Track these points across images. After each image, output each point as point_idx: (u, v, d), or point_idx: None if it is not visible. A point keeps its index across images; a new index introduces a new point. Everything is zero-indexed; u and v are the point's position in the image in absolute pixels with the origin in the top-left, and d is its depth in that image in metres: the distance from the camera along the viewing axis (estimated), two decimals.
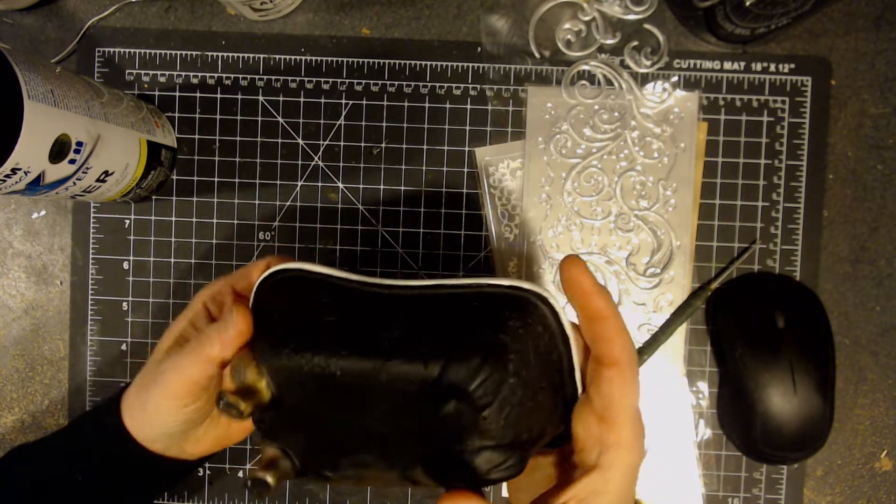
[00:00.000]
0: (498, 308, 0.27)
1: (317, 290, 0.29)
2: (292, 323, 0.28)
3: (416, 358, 0.26)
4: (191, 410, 0.31)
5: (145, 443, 0.33)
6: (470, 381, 0.25)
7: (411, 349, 0.26)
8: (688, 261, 0.43)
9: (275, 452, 0.29)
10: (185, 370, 0.29)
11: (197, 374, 0.29)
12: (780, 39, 0.43)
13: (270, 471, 0.28)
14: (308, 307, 0.28)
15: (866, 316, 0.43)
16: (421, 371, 0.26)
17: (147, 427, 0.32)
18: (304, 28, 0.44)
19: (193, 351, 0.29)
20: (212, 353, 0.29)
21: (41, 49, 0.44)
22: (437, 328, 0.27)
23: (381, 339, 0.27)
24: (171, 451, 0.33)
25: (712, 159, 0.43)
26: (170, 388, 0.30)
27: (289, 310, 0.29)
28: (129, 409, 0.33)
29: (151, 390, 0.31)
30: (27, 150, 0.29)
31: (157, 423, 0.32)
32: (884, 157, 0.43)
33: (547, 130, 0.43)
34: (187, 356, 0.30)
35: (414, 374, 0.26)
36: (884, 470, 0.43)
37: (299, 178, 0.44)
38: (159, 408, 0.31)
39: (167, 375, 0.30)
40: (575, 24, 0.43)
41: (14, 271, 0.45)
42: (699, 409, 0.43)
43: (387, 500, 0.43)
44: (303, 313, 0.28)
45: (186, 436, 0.33)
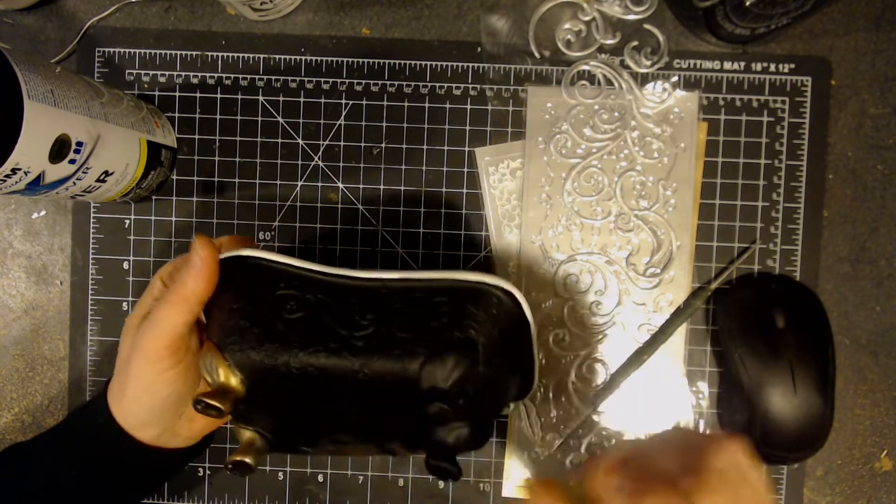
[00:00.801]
0: (465, 302, 0.28)
1: (278, 279, 0.29)
2: (258, 319, 0.28)
3: (392, 357, 0.27)
4: (171, 375, 0.30)
5: (136, 431, 0.32)
6: (446, 381, 0.27)
7: (386, 348, 0.27)
8: (688, 261, 0.43)
9: (251, 436, 0.29)
10: (162, 321, 0.29)
11: (174, 320, 0.29)
12: (780, 39, 0.43)
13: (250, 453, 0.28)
14: (272, 300, 0.28)
15: (866, 316, 0.43)
16: (398, 370, 0.27)
17: (133, 411, 0.32)
18: (304, 28, 0.44)
19: (166, 300, 0.29)
20: (185, 291, 0.28)
21: (41, 49, 0.44)
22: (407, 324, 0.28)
23: (354, 336, 0.27)
24: (164, 437, 0.33)
25: (712, 159, 0.43)
26: (148, 347, 0.29)
27: (252, 303, 0.28)
28: (114, 398, 0.32)
29: (132, 360, 0.30)
30: (27, 150, 0.29)
31: (141, 401, 0.31)
32: (884, 157, 0.43)
33: (547, 130, 0.43)
34: (161, 306, 0.29)
35: (392, 373, 0.27)
36: (884, 470, 0.43)
37: (299, 178, 0.44)
38: (140, 378, 0.30)
39: (145, 334, 0.29)
40: (575, 24, 0.43)
41: (14, 271, 0.45)
42: (699, 409, 0.43)
43: (387, 500, 0.43)
44: (268, 307, 0.28)
45: (175, 416, 0.33)
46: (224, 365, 0.28)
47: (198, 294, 0.29)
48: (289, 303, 0.28)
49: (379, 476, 0.43)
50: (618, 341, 0.43)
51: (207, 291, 0.29)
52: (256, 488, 0.44)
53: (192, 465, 0.44)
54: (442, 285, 0.29)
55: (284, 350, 0.27)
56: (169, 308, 0.29)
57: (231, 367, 0.28)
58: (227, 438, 0.44)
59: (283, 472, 0.44)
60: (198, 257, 0.28)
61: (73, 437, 0.34)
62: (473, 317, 0.28)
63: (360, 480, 0.43)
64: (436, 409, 0.26)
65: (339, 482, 0.44)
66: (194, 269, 0.28)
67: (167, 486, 0.44)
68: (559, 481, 0.26)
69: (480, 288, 0.29)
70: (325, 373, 0.27)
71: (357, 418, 0.29)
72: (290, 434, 0.30)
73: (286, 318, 0.28)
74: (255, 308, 0.28)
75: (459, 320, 0.28)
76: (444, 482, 0.28)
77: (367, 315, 0.28)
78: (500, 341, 0.28)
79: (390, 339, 0.27)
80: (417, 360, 0.27)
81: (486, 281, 0.28)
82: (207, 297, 0.29)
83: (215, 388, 0.28)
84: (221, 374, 0.28)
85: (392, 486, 0.43)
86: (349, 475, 0.44)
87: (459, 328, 0.27)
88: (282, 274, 0.29)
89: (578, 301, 0.43)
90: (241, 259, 0.29)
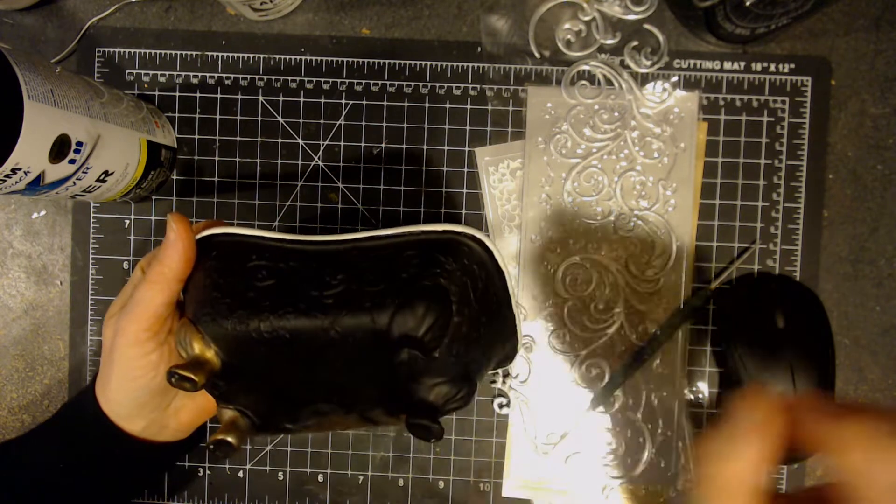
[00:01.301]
0: (434, 253, 0.28)
1: (250, 252, 0.29)
2: (230, 289, 0.28)
3: (362, 311, 0.26)
4: (154, 358, 0.30)
5: (124, 422, 0.32)
6: (418, 329, 0.26)
7: (356, 303, 0.27)
8: (688, 261, 0.43)
9: (232, 414, 0.29)
10: (141, 301, 0.29)
11: (153, 299, 0.29)
12: (780, 39, 0.43)
13: (231, 432, 0.28)
14: (244, 271, 0.28)
15: (866, 316, 0.43)
16: (369, 323, 0.26)
17: (118, 399, 0.32)
18: (304, 28, 0.44)
19: (145, 280, 0.29)
20: (161, 268, 0.28)
21: (41, 49, 0.44)
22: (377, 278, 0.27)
23: (324, 296, 0.27)
24: (152, 429, 0.33)
25: (712, 159, 0.43)
26: (129, 329, 0.29)
27: (224, 275, 0.28)
28: (101, 389, 0.32)
29: (115, 346, 0.30)
30: (27, 150, 0.29)
31: (126, 388, 0.31)
32: (884, 157, 0.43)
33: (547, 130, 0.43)
34: (140, 287, 0.29)
35: (363, 327, 0.27)
36: None
37: (299, 178, 0.44)
38: (123, 364, 0.30)
39: (126, 316, 0.30)
40: (575, 24, 0.43)
41: (14, 271, 0.45)
42: (699, 409, 0.43)
43: (387, 499, 0.43)
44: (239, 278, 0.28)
45: (160, 404, 0.33)
46: (197, 337, 0.27)
47: (174, 270, 0.29)
48: (260, 272, 0.28)
49: (379, 476, 0.43)
50: (618, 341, 0.43)
51: (185, 268, 0.29)
52: (256, 488, 0.44)
53: (192, 465, 0.44)
54: (410, 239, 0.28)
55: (255, 315, 0.27)
56: (147, 288, 0.29)
57: (205, 339, 0.28)
58: None
59: (283, 472, 0.44)
60: (173, 233, 0.28)
61: (62, 431, 0.34)
62: (443, 265, 0.27)
63: (360, 480, 0.43)
64: (405, 356, 0.26)
65: (339, 482, 0.44)
66: (169, 243, 0.28)
67: (167, 486, 0.44)
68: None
69: (450, 238, 0.28)
70: (296, 334, 0.27)
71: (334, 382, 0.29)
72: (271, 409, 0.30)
73: (257, 286, 0.28)
74: (226, 280, 0.28)
75: (429, 269, 0.27)
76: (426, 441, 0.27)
77: (337, 275, 0.28)
78: (474, 290, 0.28)
79: (360, 294, 0.27)
80: (387, 311, 0.26)
81: (454, 230, 0.28)
82: (185, 274, 0.29)
83: (189, 360, 0.28)
84: (196, 347, 0.27)
85: (392, 486, 0.43)
86: (349, 475, 0.44)
87: (429, 277, 0.27)
88: (254, 247, 0.29)
89: (578, 301, 0.43)
90: (214, 237, 0.29)
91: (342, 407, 0.30)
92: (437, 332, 0.26)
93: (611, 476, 0.43)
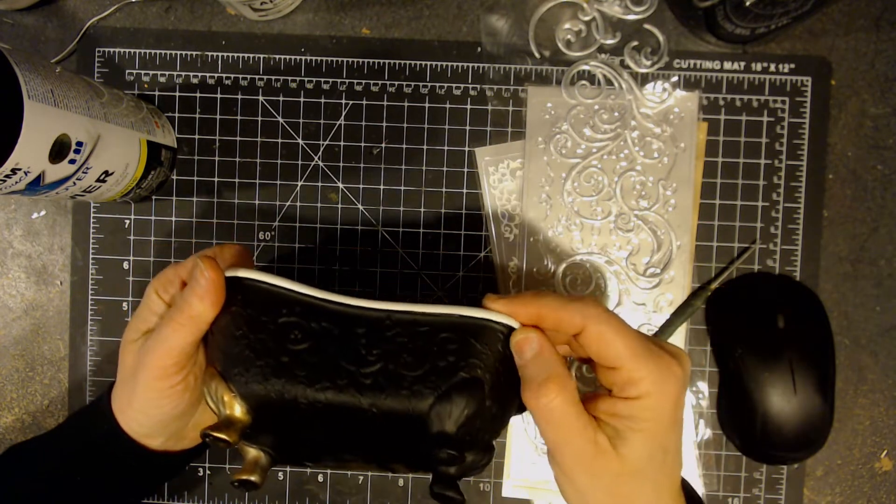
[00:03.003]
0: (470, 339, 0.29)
1: (279, 305, 0.29)
2: (262, 350, 0.28)
3: (400, 396, 0.28)
4: (180, 390, 0.30)
5: (143, 439, 0.32)
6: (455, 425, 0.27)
7: (395, 387, 0.28)
8: (688, 261, 0.43)
9: (256, 454, 0.29)
10: (168, 340, 0.29)
11: (180, 341, 0.29)
12: (780, 39, 0.43)
13: (254, 471, 0.29)
14: (276, 329, 0.28)
15: (866, 316, 0.43)
16: (406, 409, 0.28)
17: (140, 421, 0.32)
18: (304, 28, 0.44)
19: (172, 319, 0.29)
20: (192, 312, 0.28)
21: (41, 49, 0.44)
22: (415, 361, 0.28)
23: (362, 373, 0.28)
24: (170, 442, 0.33)
25: (712, 159, 0.43)
26: (156, 365, 0.29)
27: (254, 329, 0.28)
28: (119, 408, 0.32)
29: (139, 376, 0.30)
30: (27, 150, 0.29)
31: (150, 413, 0.31)
32: (884, 157, 0.43)
33: (547, 130, 0.43)
34: (167, 325, 0.29)
35: (399, 412, 0.28)
36: (884, 470, 0.43)
37: (299, 178, 0.44)
38: (149, 393, 0.30)
39: (152, 353, 0.29)
40: (575, 24, 0.43)
41: (14, 271, 0.45)
42: (699, 409, 0.43)
43: (387, 500, 0.43)
44: (271, 336, 0.28)
45: (183, 425, 0.33)
46: (229, 395, 0.28)
47: (205, 315, 0.29)
48: (293, 331, 0.28)
49: (379, 476, 0.43)
50: None
51: (214, 312, 0.29)
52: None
53: (192, 465, 0.44)
54: (447, 321, 0.29)
55: (291, 385, 0.28)
56: (176, 328, 0.29)
57: (236, 398, 0.28)
58: None
59: (283, 472, 0.44)
60: (204, 279, 0.28)
61: (78, 441, 0.34)
62: (479, 355, 0.28)
63: (360, 480, 0.43)
64: (444, 455, 0.27)
65: (339, 482, 0.44)
66: (200, 289, 0.28)
67: (167, 485, 0.44)
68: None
69: (486, 324, 0.29)
70: (332, 408, 0.28)
71: (362, 444, 0.29)
72: (295, 453, 0.30)
73: (291, 349, 0.28)
74: (258, 336, 0.28)
75: (466, 359, 0.28)
76: None
77: (373, 350, 0.28)
78: (505, 375, 0.29)
79: (398, 377, 0.28)
80: (426, 401, 0.27)
81: (490, 318, 0.29)
82: (214, 317, 0.29)
83: (222, 419, 0.28)
84: (227, 405, 0.28)
85: (392, 486, 0.43)
86: (349, 475, 0.44)
87: (466, 368, 0.28)
88: (283, 299, 0.29)
89: None
90: (240, 280, 0.29)
91: (364, 460, 0.31)
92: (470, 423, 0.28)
93: None
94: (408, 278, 0.43)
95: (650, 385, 0.27)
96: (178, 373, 0.30)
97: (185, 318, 0.28)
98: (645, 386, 0.27)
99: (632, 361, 0.27)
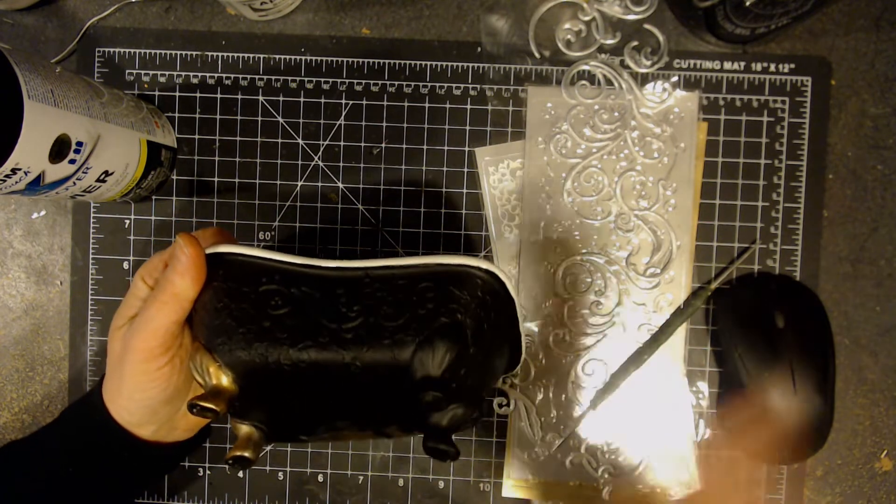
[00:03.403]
0: (449, 286, 0.28)
1: (259, 274, 0.29)
2: (244, 317, 0.28)
3: (382, 347, 0.27)
4: (166, 371, 0.30)
5: (135, 428, 0.32)
6: (438, 369, 0.27)
7: (376, 339, 0.27)
8: (688, 261, 0.43)
9: (248, 430, 0.29)
10: (153, 320, 0.29)
11: (165, 319, 0.29)
12: (780, 39, 0.43)
13: (248, 447, 0.29)
14: (256, 297, 0.28)
15: (866, 316, 0.43)
16: (389, 359, 0.27)
17: (130, 409, 0.32)
18: (304, 28, 0.44)
19: (155, 299, 0.29)
20: (174, 289, 0.28)
21: (41, 49, 0.44)
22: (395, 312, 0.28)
23: (342, 329, 0.28)
24: (162, 432, 0.33)
25: (712, 159, 0.43)
26: (141, 347, 0.29)
27: (235, 300, 0.28)
28: (110, 398, 0.32)
29: (125, 361, 0.30)
30: (27, 150, 0.29)
31: (138, 399, 0.31)
32: (884, 157, 0.43)
33: (547, 130, 0.43)
34: (151, 306, 0.29)
35: (382, 363, 0.27)
36: (884, 470, 0.43)
37: (299, 178, 0.44)
38: (137, 377, 0.30)
39: (137, 335, 0.29)
40: (575, 24, 0.43)
41: (14, 271, 0.45)
42: (699, 409, 0.43)
43: (387, 500, 0.43)
44: (252, 304, 0.28)
45: (173, 410, 0.33)
46: (214, 366, 0.28)
47: (187, 292, 0.29)
48: (273, 298, 0.28)
49: (379, 476, 0.43)
50: (618, 341, 0.43)
51: (196, 289, 0.29)
52: (256, 488, 0.44)
53: (192, 465, 0.44)
54: (425, 271, 0.29)
55: (274, 348, 0.27)
56: (159, 307, 0.29)
57: (222, 368, 0.28)
58: (227, 438, 0.44)
59: (283, 472, 0.44)
60: (184, 255, 0.28)
61: (71, 434, 0.34)
62: (458, 300, 0.28)
63: (360, 480, 0.43)
64: (430, 398, 0.27)
65: (339, 482, 0.44)
66: (181, 266, 0.28)
67: (167, 485, 0.44)
68: None
69: (463, 270, 0.29)
70: (316, 367, 0.27)
71: (352, 406, 0.29)
72: (287, 424, 0.30)
73: (272, 314, 0.28)
74: (239, 306, 0.28)
75: (445, 304, 0.28)
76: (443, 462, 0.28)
77: (353, 306, 0.28)
78: (487, 321, 0.29)
79: (378, 329, 0.28)
80: (408, 349, 0.27)
81: (468, 263, 0.29)
82: (196, 294, 0.29)
83: (208, 389, 0.28)
84: (213, 376, 0.28)
85: (392, 486, 0.43)
86: (349, 475, 0.44)
87: (446, 313, 0.28)
88: (263, 269, 0.29)
89: (578, 301, 0.43)
90: (221, 255, 0.29)
91: (357, 424, 0.30)
92: (455, 366, 0.27)
93: (611, 475, 0.43)
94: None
95: None
96: (164, 354, 0.30)
97: (168, 296, 0.28)
98: None
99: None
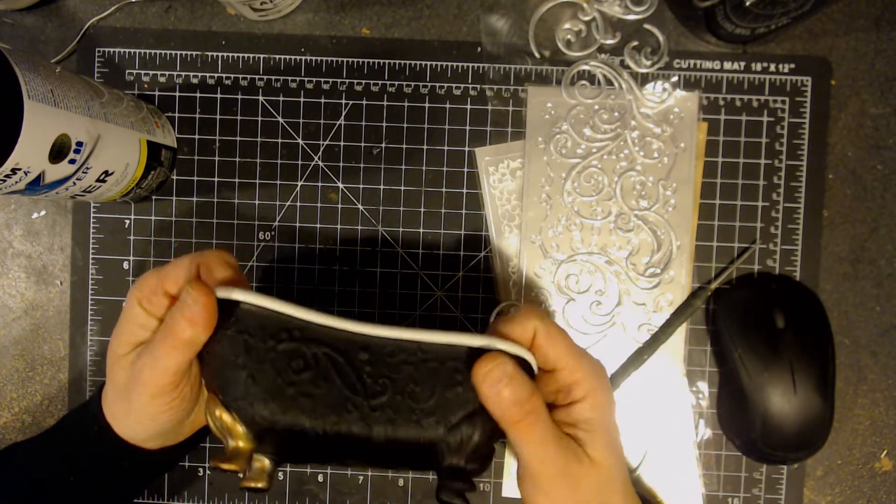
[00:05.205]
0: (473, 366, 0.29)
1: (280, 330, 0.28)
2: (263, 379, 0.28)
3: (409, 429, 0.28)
4: (177, 404, 0.30)
5: (140, 443, 0.32)
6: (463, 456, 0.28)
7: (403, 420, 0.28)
8: (688, 261, 0.43)
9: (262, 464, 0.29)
10: (161, 361, 0.29)
11: (174, 363, 0.29)
12: (780, 39, 0.43)
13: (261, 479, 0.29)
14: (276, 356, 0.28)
15: (866, 316, 0.43)
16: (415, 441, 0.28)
17: (137, 430, 0.32)
18: (304, 28, 0.44)
19: (163, 341, 0.28)
20: (183, 335, 0.28)
21: (41, 49, 0.44)
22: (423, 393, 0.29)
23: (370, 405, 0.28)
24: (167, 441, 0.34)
25: (712, 159, 0.43)
26: (151, 384, 0.29)
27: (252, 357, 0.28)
28: (113, 414, 0.32)
29: (133, 393, 0.30)
30: (27, 150, 0.29)
31: (146, 425, 0.31)
32: (884, 157, 0.43)
33: (547, 130, 0.43)
34: (159, 347, 0.29)
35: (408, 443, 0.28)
36: (884, 470, 0.43)
37: (299, 178, 0.44)
38: (146, 409, 0.30)
39: (146, 373, 0.29)
40: (575, 24, 0.43)
41: (14, 271, 0.45)
42: (699, 409, 0.43)
43: (387, 500, 0.43)
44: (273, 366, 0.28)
45: (181, 428, 0.33)
46: (233, 423, 0.28)
47: (197, 340, 0.28)
48: (294, 360, 0.28)
49: (379, 476, 0.43)
50: (618, 341, 0.43)
51: (206, 335, 0.28)
52: None
53: (192, 465, 0.44)
54: (452, 351, 0.29)
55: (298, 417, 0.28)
56: (168, 351, 0.28)
57: (240, 424, 0.28)
58: None
59: (283, 472, 0.44)
60: (195, 304, 0.27)
61: (72, 444, 0.34)
62: None
63: (360, 480, 0.43)
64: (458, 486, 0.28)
65: (339, 482, 0.44)
66: (191, 313, 0.27)
67: (167, 485, 0.44)
68: None
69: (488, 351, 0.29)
70: (339, 436, 0.28)
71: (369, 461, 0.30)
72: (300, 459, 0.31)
73: (294, 378, 0.28)
74: (257, 365, 0.28)
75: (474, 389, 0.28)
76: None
77: (378, 378, 0.28)
78: None
79: (406, 409, 0.28)
80: (436, 431, 0.28)
81: (497, 347, 0.29)
82: (206, 339, 0.28)
83: (229, 451, 0.28)
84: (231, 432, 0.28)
85: (392, 486, 0.43)
86: (349, 475, 0.44)
87: (475, 399, 0.28)
88: (281, 323, 0.28)
89: (578, 301, 0.43)
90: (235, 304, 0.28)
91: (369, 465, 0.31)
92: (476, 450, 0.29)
93: None
94: (408, 278, 0.43)
95: (590, 383, 0.29)
96: (174, 389, 0.30)
97: (178, 341, 0.28)
98: (587, 384, 0.29)
99: (572, 359, 0.29)
